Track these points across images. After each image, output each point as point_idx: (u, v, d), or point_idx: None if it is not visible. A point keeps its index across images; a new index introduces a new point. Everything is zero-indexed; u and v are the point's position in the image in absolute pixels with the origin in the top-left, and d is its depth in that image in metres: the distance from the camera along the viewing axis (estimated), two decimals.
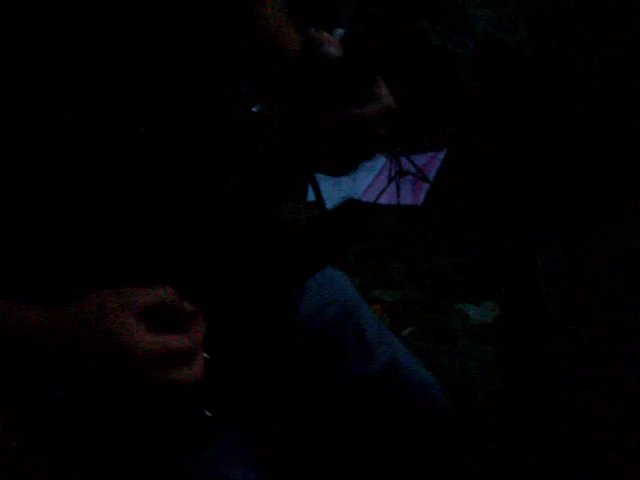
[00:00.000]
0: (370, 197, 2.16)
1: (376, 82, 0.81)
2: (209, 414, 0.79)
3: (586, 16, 2.29)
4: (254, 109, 0.82)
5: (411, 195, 2.20)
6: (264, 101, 0.83)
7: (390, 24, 0.75)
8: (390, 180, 2.14)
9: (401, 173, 2.16)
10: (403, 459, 1.05)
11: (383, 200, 2.15)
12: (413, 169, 2.15)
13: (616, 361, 1.63)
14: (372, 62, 0.78)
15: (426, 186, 2.20)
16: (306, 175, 0.88)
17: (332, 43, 0.77)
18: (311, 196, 1.01)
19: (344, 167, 0.86)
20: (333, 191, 2.01)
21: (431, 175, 2.24)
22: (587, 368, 1.64)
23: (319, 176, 0.90)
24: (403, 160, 2.15)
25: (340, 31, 0.79)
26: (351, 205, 0.90)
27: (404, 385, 1.05)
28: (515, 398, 1.66)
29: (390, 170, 2.13)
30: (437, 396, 1.07)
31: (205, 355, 0.73)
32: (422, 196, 2.20)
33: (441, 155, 2.31)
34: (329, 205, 0.92)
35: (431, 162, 2.30)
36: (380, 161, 2.19)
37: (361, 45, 0.77)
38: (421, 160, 2.25)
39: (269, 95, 0.87)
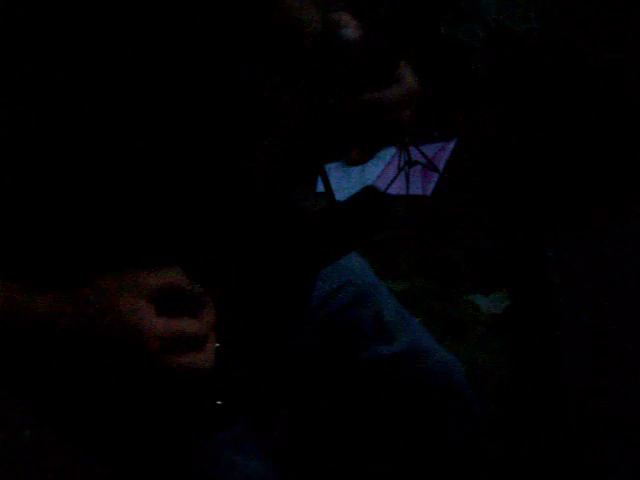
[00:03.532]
0: (379, 187, 2.15)
1: (399, 64, 0.78)
2: (219, 403, 0.79)
3: (596, 4, 2.27)
4: (271, 92, 0.81)
5: (421, 185, 2.19)
6: (282, 85, 0.82)
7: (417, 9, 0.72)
8: (399, 170, 2.13)
9: (410, 163, 2.15)
10: (422, 439, 1.05)
11: (392, 190, 2.13)
12: (423, 159, 2.14)
13: (627, 351, 1.62)
14: (393, 44, 0.75)
15: (436, 176, 2.19)
16: (322, 162, 0.86)
17: (351, 25, 0.75)
18: (321, 187, 1.01)
19: (365, 153, 0.84)
20: (342, 182, 2.01)
21: (441, 165, 2.23)
22: (597, 358, 1.63)
23: (328, 167, 0.89)
24: (412, 150, 2.14)
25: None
26: (370, 193, 0.88)
27: (425, 365, 1.04)
28: (525, 389, 1.65)
29: (399, 160, 2.12)
30: (458, 376, 1.07)
31: (216, 344, 0.73)
32: (431, 186, 2.19)
33: (451, 145, 2.31)
34: (339, 196, 0.91)
35: (441, 152, 2.29)
36: (389, 151, 2.18)
37: (382, 26, 0.75)
38: (431, 150, 2.24)
39: (287, 79, 0.85)
